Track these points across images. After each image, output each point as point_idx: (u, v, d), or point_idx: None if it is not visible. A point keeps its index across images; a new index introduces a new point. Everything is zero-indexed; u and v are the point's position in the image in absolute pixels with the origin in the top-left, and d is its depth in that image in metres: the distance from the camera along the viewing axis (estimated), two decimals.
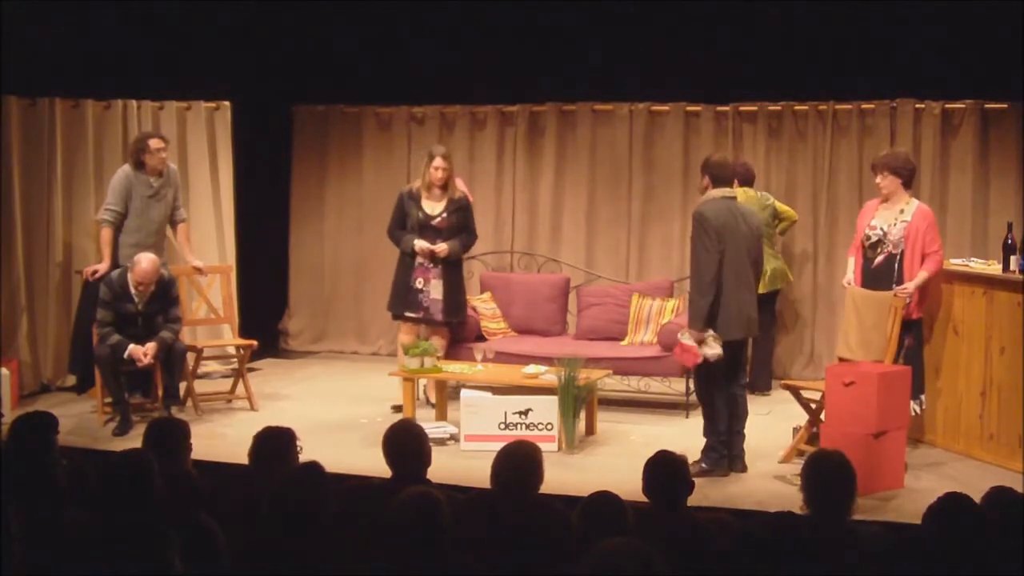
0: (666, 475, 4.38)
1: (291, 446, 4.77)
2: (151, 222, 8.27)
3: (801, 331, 9.50)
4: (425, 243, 8.01)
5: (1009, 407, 6.90)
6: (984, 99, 8.93)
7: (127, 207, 8.19)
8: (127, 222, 8.22)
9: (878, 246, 7.20)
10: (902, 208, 7.17)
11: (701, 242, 6.65)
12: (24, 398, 8.39)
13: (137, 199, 8.20)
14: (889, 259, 7.16)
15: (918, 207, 7.20)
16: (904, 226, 7.11)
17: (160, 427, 4.98)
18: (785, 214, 8.97)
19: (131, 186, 8.20)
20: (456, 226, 8.10)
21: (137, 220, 8.22)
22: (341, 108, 10.55)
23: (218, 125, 9.71)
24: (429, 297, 8.09)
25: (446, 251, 8.03)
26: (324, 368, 9.93)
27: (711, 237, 6.61)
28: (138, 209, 8.21)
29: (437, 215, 8.08)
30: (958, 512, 3.89)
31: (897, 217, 7.16)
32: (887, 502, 6.27)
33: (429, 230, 8.06)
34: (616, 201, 9.93)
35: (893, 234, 7.13)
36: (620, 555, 2.95)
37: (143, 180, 8.23)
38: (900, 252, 7.12)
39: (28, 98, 8.71)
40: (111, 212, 8.19)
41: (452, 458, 6.94)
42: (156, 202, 8.28)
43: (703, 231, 6.64)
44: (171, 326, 7.83)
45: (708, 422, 6.85)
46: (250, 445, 4.79)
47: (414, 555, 3.57)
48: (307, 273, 10.73)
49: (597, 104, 9.92)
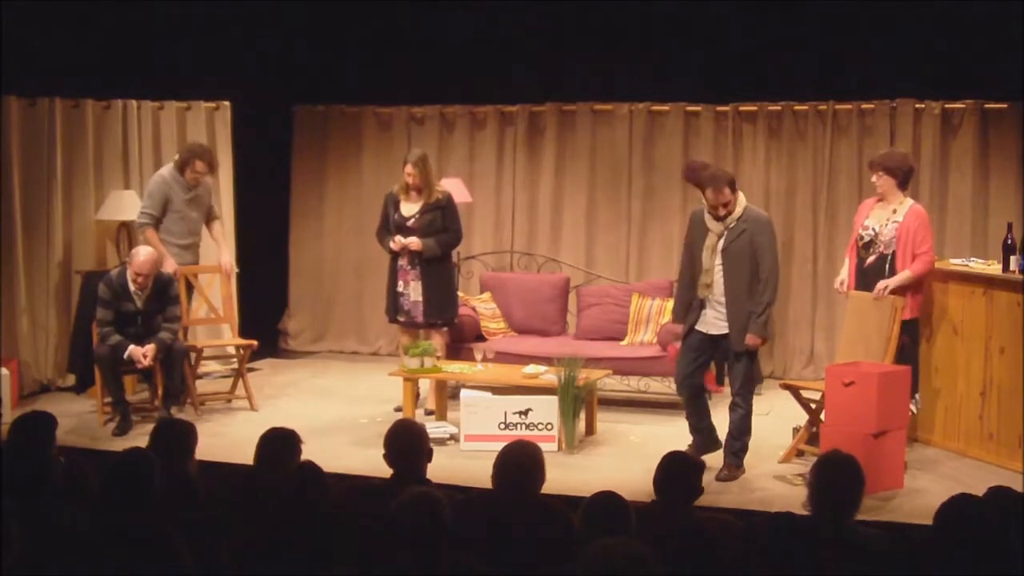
0: (681, 476, 4.37)
1: (296, 448, 4.77)
2: (192, 222, 8.55)
3: (801, 331, 9.49)
4: (399, 237, 8.02)
5: (1009, 407, 6.90)
6: (984, 99, 8.93)
7: (164, 210, 8.40)
8: (169, 224, 8.44)
9: (870, 246, 7.24)
10: (895, 208, 7.20)
11: (774, 244, 6.72)
12: (24, 398, 8.39)
13: (177, 202, 8.44)
14: (880, 259, 7.19)
15: (911, 207, 7.21)
16: (896, 226, 7.13)
17: (168, 428, 4.96)
18: None
19: (169, 191, 8.41)
20: (431, 227, 8.03)
21: (180, 223, 8.48)
22: (341, 108, 10.55)
23: (218, 125, 9.71)
24: (410, 300, 8.09)
25: (418, 245, 7.99)
26: (324, 368, 9.93)
27: (775, 237, 6.76)
28: (179, 211, 8.46)
29: (411, 216, 8.07)
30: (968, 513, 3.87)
31: (890, 217, 7.18)
32: (887, 502, 6.27)
33: (404, 231, 8.04)
34: (616, 201, 9.93)
35: (885, 234, 7.16)
36: (613, 555, 2.95)
37: (181, 183, 8.42)
38: (892, 252, 7.14)
39: (28, 98, 8.71)
40: (147, 215, 8.39)
41: (452, 458, 6.94)
42: (194, 203, 8.52)
43: (773, 233, 6.73)
44: (170, 326, 7.83)
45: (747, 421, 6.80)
46: (256, 446, 4.78)
47: (415, 555, 3.57)
48: (307, 273, 10.73)
49: (597, 104, 9.92)
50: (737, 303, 6.64)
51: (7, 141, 8.54)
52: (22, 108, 8.67)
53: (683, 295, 6.93)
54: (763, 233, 6.65)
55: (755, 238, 6.62)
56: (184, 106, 9.56)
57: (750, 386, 6.81)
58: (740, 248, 6.62)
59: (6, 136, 8.53)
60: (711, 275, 6.68)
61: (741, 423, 6.76)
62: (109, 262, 9.00)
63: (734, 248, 6.63)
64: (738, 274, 6.63)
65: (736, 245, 6.62)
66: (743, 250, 6.62)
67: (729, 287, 6.65)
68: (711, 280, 6.68)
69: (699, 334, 6.79)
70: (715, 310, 6.72)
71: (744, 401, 6.75)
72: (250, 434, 4.89)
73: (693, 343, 6.83)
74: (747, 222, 6.64)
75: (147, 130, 9.38)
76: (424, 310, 8.08)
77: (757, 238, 6.62)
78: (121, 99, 9.20)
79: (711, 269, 6.68)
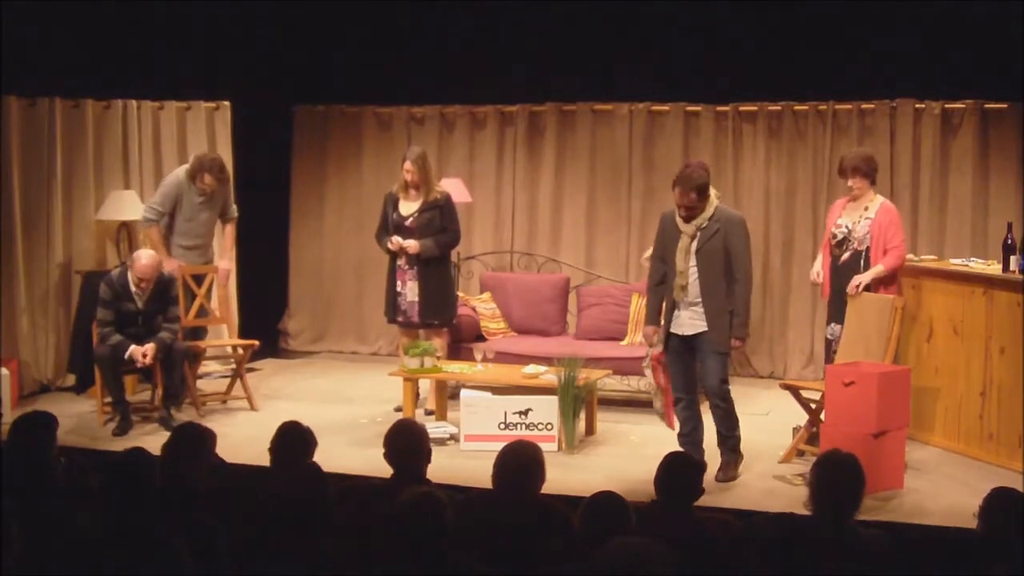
0: (682, 476, 4.37)
1: (311, 445, 4.79)
2: (200, 225, 8.60)
3: (801, 331, 9.49)
4: (396, 238, 8.02)
5: (1009, 407, 6.89)
6: (984, 99, 8.93)
7: (173, 209, 8.46)
8: (177, 224, 8.51)
9: (844, 243, 7.34)
10: (867, 206, 7.32)
11: (747, 243, 6.65)
12: (24, 398, 8.39)
13: (188, 204, 8.50)
14: (855, 255, 7.28)
15: (882, 204, 7.33)
16: (868, 223, 7.25)
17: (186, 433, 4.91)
18: None
19: (182, 193, 8.48)
20: (429, 226, 8.01)
21: (187, 224, 8.54)
22: (341, 108, 10.55)
23: (218, 125, 9.71)
24: (407, 300, 8.08)
25: (416, 248, 8.00)
26: (324, 368, 9.93)
27: (749, 237, 6.70)
28: (188, 214, 8.52)
29: (409, 215, 8.06)
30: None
31: (862, 215, 7.30)
32: (887, 502, 6.26)
33: (402, 231, 8.04)
34: (616, 201, 9.93)
35: (858, 231, 7.28)
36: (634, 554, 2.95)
37: (195, 189, 8.48)
38: (865, 248, 7.25)
39: (28, 98, 8.71)
40: (154, 211, 8.46)
41: (452, 458, 6.94)
42: (206, 206, 8.57)
43: (746, 232, 6.66)
44: (170, 326, 7.83)
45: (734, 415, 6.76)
46: (272, 440, 4.79)
47: (415, 555, 3.57)
48: (307, 273, 10.73)
49: (597, 104, 9.92)
50: (715, 303, 6.58)
51: (7, 141, 8.54)
52: (22, 108, 8.67)
53: (654, 299, 6.83)
54: (736, 233, 6.57)
55: (728, 238, 6.56)
56: (184, 106, 9.56)
57: (725, 385, 6.72)
58: (714, 248, 6.57)
59: (6, 136, 8.53)
60: (686, 277, 6.59)
61: (727, 419, 6.71)
62: (109, 262, 9.00)
63: (707, 248, 6.58)
64: (714, 274, 6.57)
65: (710, 245, 6.57)
66: (717, 250, 6.57)
67: (705, 288, 6.59)
68: (686, 282, 6.58)
69: (676, 337, 6.72)
70: (689, 311, 6.64)
71: (724, 400, 6.69)
72: (250, 434, 4.90)
73: (676, 347, 6.74)
74: (719, 222, 6.57)
75: (147, 130, 9.38)
76: (420, 310, 8.07)
77: (730, 238, 6.56)
78: (121, 99, 9.20)
79: (685, 271, 6.59)
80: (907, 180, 9.15)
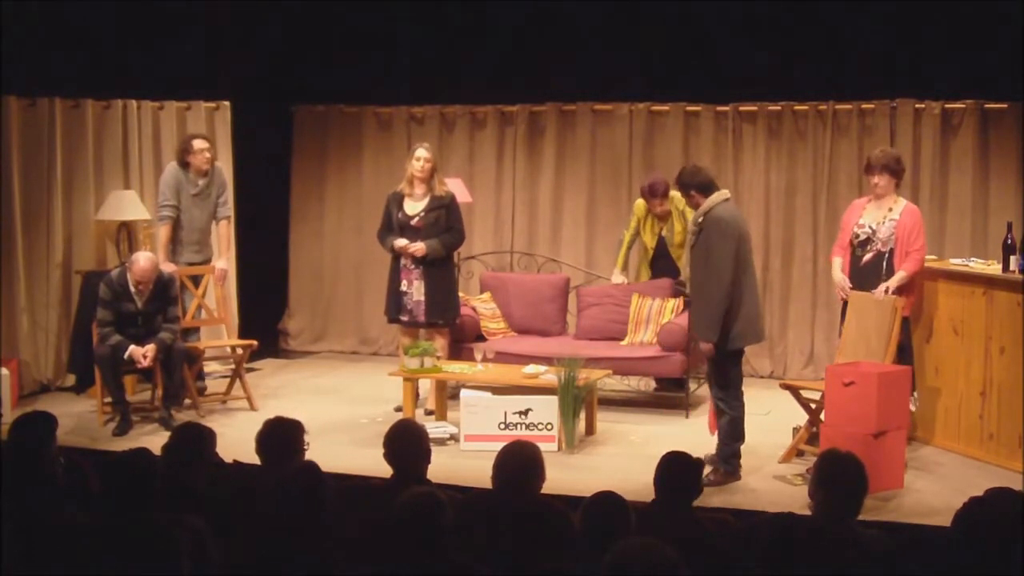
0: (681, 475, 4.37)
1: (300, 438, 4.78)
2: (195, 220, 8.52)
3: (801, 331, 9.49)
4: (403, 240, 8.01)
5: (1009, 407, 6.90)
6: (984, 99, 8.93)
7: (180, 201, 8.41)
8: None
9: (867, 244, 7.29)
10: (891, 207, 7.26)
11: (721, 246, 6.48)
12: (24, 398, 8.39)
13: (184, 198, 8.43)
14: (878, 257, 7.25)
15: (906, 206, 7.29)
16: (893, 224, 7.20)
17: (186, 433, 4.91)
18: None
19: (180, 183, 8.41)
20: (436, 225, 8.03)
21: (181, 218, 8.45)
22: (341, 108, 10.55)
23: (218, 125, 9.71)
24: (412, 299, 8.09)
25: (423, 250, 8.00)
26: (324, 368, 9.93)
27: (729, 240, 6.49)
28: (183, 208, 8.44)
29: (416, 215, 8.06)
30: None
31: (886, 215, 7.24)
32: (887, 502, 6.27)
33: (408, 231, 8.04)
34: (616, 201, 9.93)
35: (882, 232, 7.23)
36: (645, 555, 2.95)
37: (190, 179, 8.43)
38: (889, 250, 7.21)
39: (28, 98, 8.71)
40: (169, 207, 8.41)
41: (452, 458, 6.94)
42: (201, 201, 8.51)
43: (721, 234, 6.49)
44: (170, 326, 7.83)
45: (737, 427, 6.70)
46: (258, 433, 4.78)
47: (415, 555, 3.57)
48: (307, 273, 10.73)
49: (597, 104, 9.92)
50: (696, 302, 6.68)
51: (7, 141, 8.54)
52: (22, 108, 8.68)
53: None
54: (713, 234, 6.53)
55: (708, 239, 6.57)
56: (184, 106, 9.56)
57: (732, 390, 6.67)
58: (698, 247, 6.63)
59: (6, 136, 8.53)
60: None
61: (729, 428, 6.64)
62: (109, 262, 9.00)
63: (695, 247, 6.66)
64: (700, 275, 6.62)
65: (697, 244, 6.65)
66: (700, 250, 6.62)
67: (694, 288, 6.71)
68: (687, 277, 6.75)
69: None
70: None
71: (728, 406, 6.65)
72: (250, 434, 4.89)
73: None
74: (707, 222, 6.59)
75: (147, 130, 9.38)
76: (426, 310, 8.08)
77: (709, 239, 6.56)
78: (121, 99, 9.20)
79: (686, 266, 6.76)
80: (907, 180, 9.07)
